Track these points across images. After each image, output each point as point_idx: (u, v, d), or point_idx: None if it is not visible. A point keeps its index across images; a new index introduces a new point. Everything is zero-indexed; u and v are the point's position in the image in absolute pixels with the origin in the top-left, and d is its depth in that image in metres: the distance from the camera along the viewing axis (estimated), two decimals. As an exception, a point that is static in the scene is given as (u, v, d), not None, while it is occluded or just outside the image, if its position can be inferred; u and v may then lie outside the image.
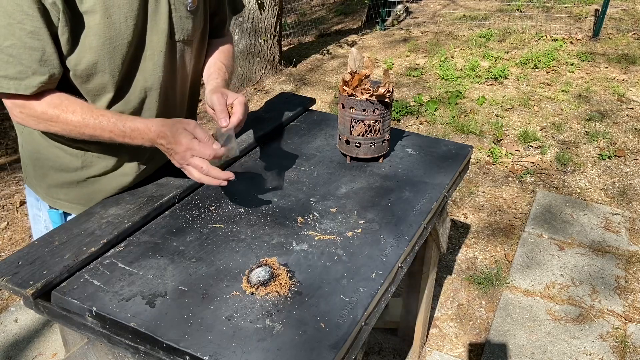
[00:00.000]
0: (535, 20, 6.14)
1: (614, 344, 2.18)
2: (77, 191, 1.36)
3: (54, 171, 1.33)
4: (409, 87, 4.57)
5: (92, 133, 1.17)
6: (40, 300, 1.11)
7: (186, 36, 1.29)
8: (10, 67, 1.08)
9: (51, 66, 1.11)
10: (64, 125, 1.16)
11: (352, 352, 1.04)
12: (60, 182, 1.35)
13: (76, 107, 1.15)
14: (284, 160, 1.61)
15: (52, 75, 1.12)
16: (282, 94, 2.02)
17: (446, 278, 2.57)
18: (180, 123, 1.16)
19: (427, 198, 1.43)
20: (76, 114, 1.15)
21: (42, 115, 1.14)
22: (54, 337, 2.27)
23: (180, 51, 1.30)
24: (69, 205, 1.38)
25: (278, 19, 4.72)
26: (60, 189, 1.36)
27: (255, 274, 1.13)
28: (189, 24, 1.28)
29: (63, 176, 1.33)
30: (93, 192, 1.37)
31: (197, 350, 0.96)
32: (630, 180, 3.25)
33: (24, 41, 1.06)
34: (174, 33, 1.26)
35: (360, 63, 1.51)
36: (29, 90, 1.10)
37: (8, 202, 3.19)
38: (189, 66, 1.37)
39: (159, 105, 1.31)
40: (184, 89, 1.40)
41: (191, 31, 1.29)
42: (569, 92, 4.33)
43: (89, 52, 1.14)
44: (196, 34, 1.33)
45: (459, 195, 3.16)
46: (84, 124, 1.15)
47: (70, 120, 1.15)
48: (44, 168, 1.34)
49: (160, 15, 1.21)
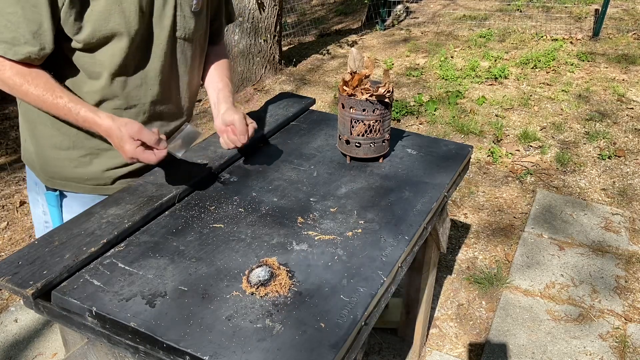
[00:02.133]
0: (535, 20, 6.14)
1: (614, 344, 2.18)
2: (71, 169, 1.40)
3: (50, 148, 1.38)
4: (409, 87, 4.57)
5: (48, 110, 1.23)
6: (40, 300, 1.11)
7: (187, 34, 1.36)
8: (6, 32, 1.14)
9: (44, 41, 1.18)
10: (25, 96, 1.21)
11: (352, 352, 1.04)
12: (55, 159, 1.39)
13: (39, 82, 1.20)
14: (284, 160, 1.61)
15: (42, 49, 1.18)
16: (282, 94, 2.02)
17: (446, 278, 2.57)
18: (125, 128, 1.20)
19: (427, 198, 1.43)
20: (38, 87, 1.20)
21: (7, 80, 1.20)
22: (54, 337, 2.27)
23: (180, 47, 1.38)
24: (64, 183, 1.43)
25: (278, 19, 4.72)
26: (55, 166, 1.40)
27: (255, 274, 1.13)
28: (191, 24, 1.36)
29: (58, 154, 1.38)
30: (87, 172, 1.41)
31: (197, 350, 0.96)
32: (630, 180, 3.25)
33: (25, 12, 1.13)
34: (176, 30, 1.34)
35: (360, 63, 1.51)
36: (16, 57, 1.17)
37: (8, 202, 3.19)
38: (189, 64, 1.43)
39: (157, 94, 1.37)
40: (183, 84, 1.45)
41: (193, 30, 1.37)
42: (569, 92, 4.33)
43: (95, 32, 1.20)
44: (197, 34, 1.40)
45: (459, 195, 3.16)
46: (41, 100, 1.21)
47: (30, 93, 1.20)
48: (40, 145, 1.39)
49: (166, 12, 1.29)
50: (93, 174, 1.42)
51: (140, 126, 1.20)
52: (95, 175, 1.42)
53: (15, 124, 4.18)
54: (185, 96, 1.48)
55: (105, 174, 1.42)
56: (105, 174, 1.42)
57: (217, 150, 1.59)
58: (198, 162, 1.52)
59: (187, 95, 1.49)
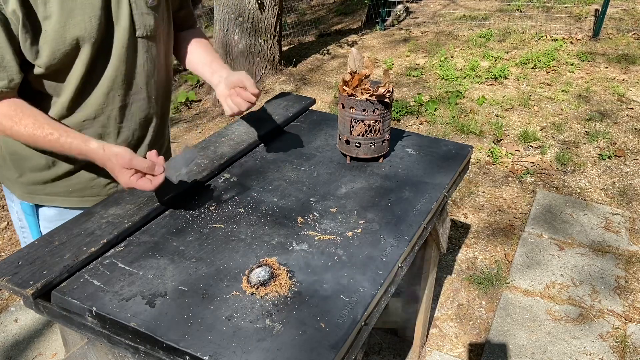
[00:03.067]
0: (535, 20, 6.14)
1: (614, 344, 2.18)
2: (52, 186, 1.39)
3: (30, 170, 1.37)
4: (409, 87, 4.57)
5: (42, 147, 1.24)
6: (40, 300, 1.11)
7: (148, 32, 1.32)
8: None
9: (10, 72, 1.16)
10: (17, 137, 1.22)
11: (352, 352, 1.04)
12: (36, 180, 1.38)
13: (28, 122, 1.19)
14: (284, 160, 1.61)
15: (11, 80, 1.17)
16: (282, 94, 2.02)
17: (446, 278, 2.57)
18: (116, 158, 1.19)
19: (427, 198, 1.43)
20: (27, 127, 1.19)
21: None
22: (54, 337, 2.27)
23: (144, 47, 1.33)
24: (47, 198, 1.41)
25: (278, 19, 4.72)
26: (36, 185, 1.39)
27: (255, 274, 1.13)
28: (150, 20, 1.31)
29: (38, 175, 1.37)
30: (69, 186, 1.40)
31: (197, 350, 0.96)
32: (630, 180, 3.25)
33: None
34: (135, 29, 1.29)
35: (360, 63, 1.51)
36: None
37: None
38: (156, 62, 1.39)
39: (122, 99, 1.34)
40: (153, 84, 1.41)
41: (153, 27, 1.32)
42: (569, 92, 4.33)
43: (54, 52, 1.18)
44: (159, 30, 1.35)
45: (459, 195, 3.16)
46: (33, 140, 1.21)
47: (21, 134, 1.20)
48: (21, 168, 1.37)
49: (122, 12, 1.25)
50: (77, 185, 1.40)
51: (131, 155, 1.18)
52: (81, 187, 1.40)
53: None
54: (156, 96, 1.43)
55: (92, 183, 1.41)
56: (93, 182, 1.41)
57: (217, 150, 1.59)
58: (198, 162, 1.52)
59: (158, 94, 1.44)
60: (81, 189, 1.41)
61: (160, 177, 1.20)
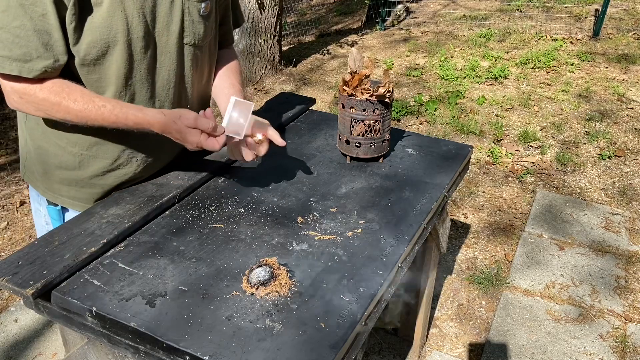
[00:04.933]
0: (535, 20, 6.14)
1: (614, 344, 2.18)
2: (77, 190, 1.36)
3: (56, 168, 1.33)
4: (409, 87, 4.57)
5: (94, 122, 1.17)
6: (40, 300, 1.11)
7: (197, 40, 1.29)
8: (15, 48, 1.06)
9: (57, 52, 1.10)
10: (65, 113, 1.15)
11: (352, 352, 1.04)
12: (61, 179, 1.35)
13: (77, 96, 1.14)
14: (284, 160, 1.61)
15: (56, 61, 1.11)
16: (282, 94, 2.02)
17: (446, 278, 2.57)
18: (180, 120, 1.17)
19: (427, 198, 1.43)
20: (77, 102, 1.14)
21: (42, 102, 1.13)
22: (54, 337, 2.27)
23: (190, 54, 1.30)
24: (69, 202, 1.38)
25: (278, 19, 4.72)
26: (61, 185, 1.36)
27: (255, 274, 1.13)
28: (200, 29, 1.28)
29: (64, 173, 1.33)
30: (93, 193, 1.37)
31: (197, 350, 0.96)
32: (630, 180, 3.25)
33: (34, 23, 1.06)
34: (184, 36, 1.26)
35: (360, 63, 1.51)
36: (32, 74, 1.09)
37: (8, 202, 3.19)
38: (200, 71, 1.36)
39: (166, 106, 1.31)
40: (194, 92, 1.38)
41: (202, 35, 1.29)
42: (569, 92, 4.33)
43: (96, 41, 1.14)
44: (207, 40, 1.33)
45: (459, 195, 3.16)
46: (85, 114, 1.15)
47: (71, 109, 1.14)
48: (47, 164, 1.33)
49: (173, 17, 1.21)
50: (101, 192, 1.37)
51: (195, 115, 1.17)
52: (103, 194, 1.37)
53: (15, 124, 4.18)
54: (196, 106, 1.40)
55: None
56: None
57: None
58: (198, 161, 1.52)
59: (198, 106, 1.41)
60: (103, 196, 1.38)
61: (223, 137, 1.20)
